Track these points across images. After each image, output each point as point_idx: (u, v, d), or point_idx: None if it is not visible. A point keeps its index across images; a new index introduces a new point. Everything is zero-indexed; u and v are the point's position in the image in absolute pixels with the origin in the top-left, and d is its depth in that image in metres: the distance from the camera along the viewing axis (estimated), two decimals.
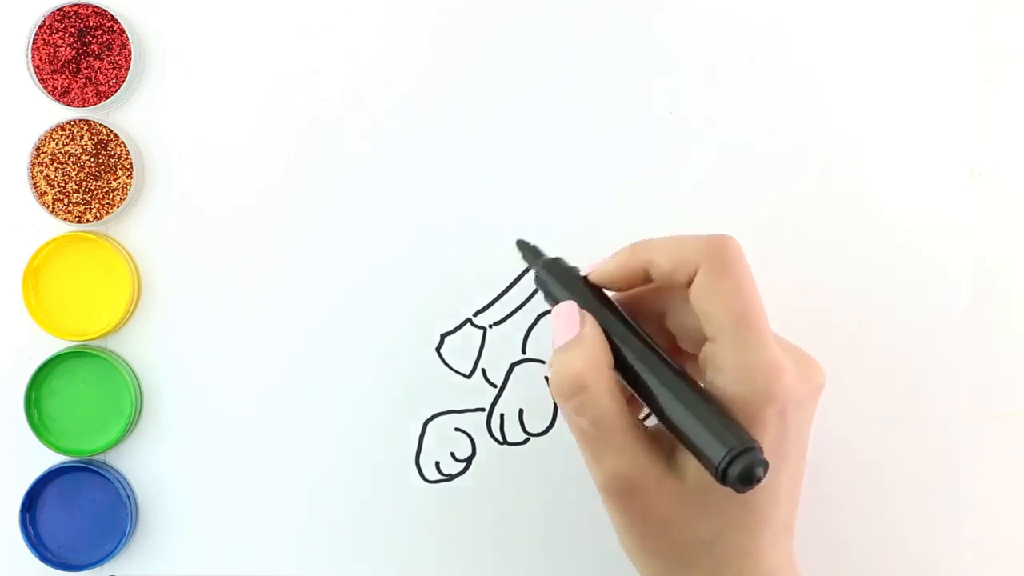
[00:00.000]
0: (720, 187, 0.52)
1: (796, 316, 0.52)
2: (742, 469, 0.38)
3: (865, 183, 0.52)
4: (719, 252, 0.41)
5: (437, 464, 0.52)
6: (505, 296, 0.52)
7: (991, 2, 0.53)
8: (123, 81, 0.51)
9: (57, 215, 0.51)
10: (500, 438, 0.53)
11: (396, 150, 0.52)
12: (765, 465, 0.38)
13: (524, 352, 0.53)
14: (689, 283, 0.41)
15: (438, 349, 0.52)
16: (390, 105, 0.52)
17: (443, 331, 0.52)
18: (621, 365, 0.42)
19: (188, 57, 0.52)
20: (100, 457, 0.52)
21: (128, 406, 0.51)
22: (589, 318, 0.42)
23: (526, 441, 0.53)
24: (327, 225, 0.52)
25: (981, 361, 0.53)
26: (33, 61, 0.51)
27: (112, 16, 0.51)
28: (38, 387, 0.51)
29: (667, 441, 0.42)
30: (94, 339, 0.51)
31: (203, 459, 0.52)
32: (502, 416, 0.53)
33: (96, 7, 0.51)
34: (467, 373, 0.53)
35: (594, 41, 0.52)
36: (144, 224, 0.52)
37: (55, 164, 0.51)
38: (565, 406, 0.42)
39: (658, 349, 0.41)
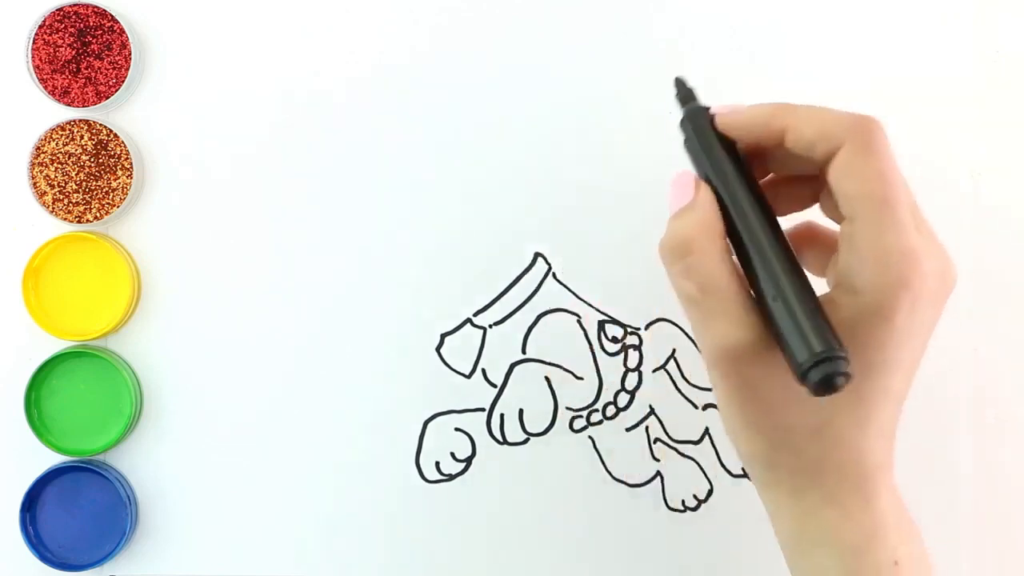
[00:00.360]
0: None
1: None
2: (823, 376, 0.37)
3: None
4: (866, 131, 0.40)
5: (437, 464, 0.52)
6: (505, 296, 0.52)
7: (991, 2, 0.53)
8: (123, 81, 0.51)
9: (57, 215, 0.51)
10: (500, 438, 0.53)
11: (397, 150, 0.52)
12: (849, 376, 0.37)
13: (524, 352, 0.53)
14: (827, 158, 0.40)
15: (438, 349, 0.52)
16: (390, 105, 0.52)
17: (443, 331, 0.52)
18: (735, 239, 0.40)
19: (188, 57, 0.52)
20: (100, 457, 0.52)
21: (128, 406, 0.51)
22: (704, 186, 0.41)
23: (526, 441, 0.53)
24: (327, 225, 0.52)
25: (981, 361, 0.53)
26: (33, 61, 0.51)
27: (112, 16, 0.51)
28: (38, 387, 0.51)
29: None
30: (94, 339, 0.51)
31: (203, 459, 0.52)
32: (502, 416, 0.53)
33: (96, 7, 0.51)
34: (467, 373, 0.53)
35: (594, 41, 0.52)
36: (144, 224, 0.52)
37: (55, 164, 0.51)
38: (672, 270, 0.41)
39: (778, 231, 0.40)
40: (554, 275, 0.53)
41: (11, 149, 0.51)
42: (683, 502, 0.53)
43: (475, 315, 0.52)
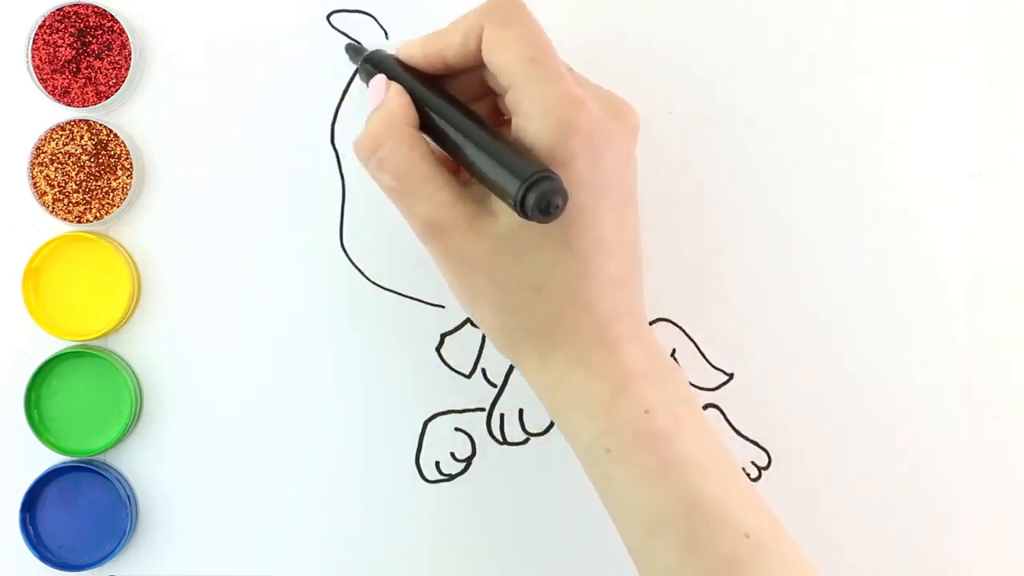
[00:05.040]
0: (720, 186, 0.52)
1: (796, 315, 0.52)
2: (538, 196, 0.38)
3: (865, 183, 0.52)
4: (500, 8, 0.42)
5: (437, 464, 0.52)
6: None
7: (991, 2, 0.53)
8: (123, 81, 0.51)
9: (57, 215, 0.51)
10: (500, 438, 0.53)
11: None
12: (563, 194, 0.38)
13: None
14: (479, 49, 0.42)
15: (438, 349, 0.52)
16: None
17: (443, 331, 0.52)
18: (430, 127, 0.43)
19: (188, 57, 0.52)
20: (100, 457, 0.52)
21: (128, 406, 0.51)
22: (394, 85, 0.44)
23: (526, 441, 0.53)
24: (327, 224, 0.52)
25: (981, 361, 0.53)
26: (33, 61, 0.51)
27: (112, 16, 0.51)
28: (38, 387, 0.51)
29: (480, 188, 0.42)
30: (94, 339, 0.51)
31: (203, 459, 0.52)
32: (502, 416, 0.53)
33: (96, 7, 0.51)
34: (467, 373, 0.53)
35: (594, 40, 0.52)
36: (144, 224, 0.52)
37: (55, 164, 0.51)
38: (368, 166, 0.43)
39: (462, 106, 0.43)
40: None
41: (11, 149, 0.51)
42: None
43: None
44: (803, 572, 0.41)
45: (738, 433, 0.52)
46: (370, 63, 0.47)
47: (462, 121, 0.42)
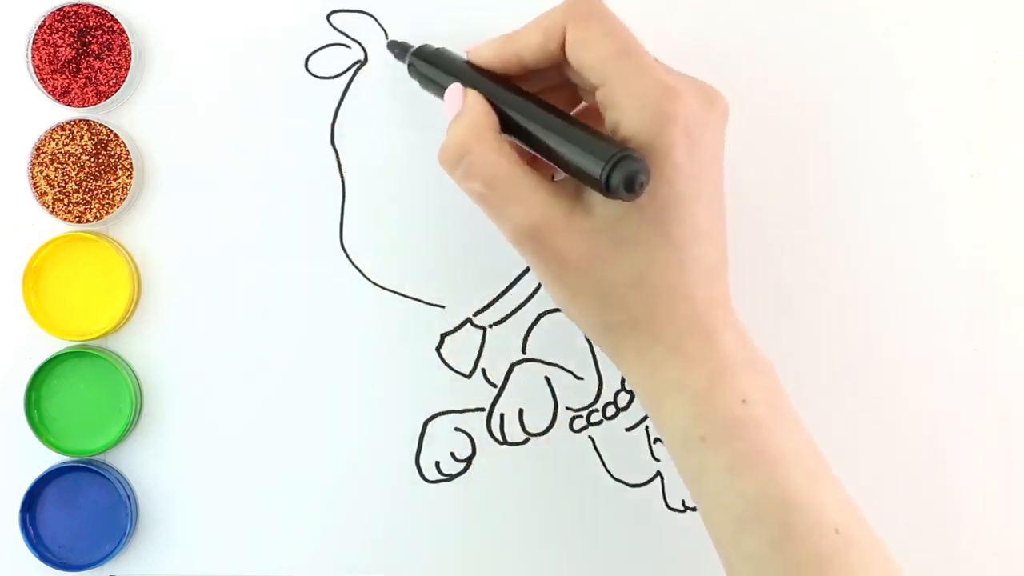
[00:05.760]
0: None
1: (796, 315, 0.52)
2: (624, 176, 0.38)
3: (865, 183, 0.52)
4: (580, 4, 0.42)
5: (437, 464, 0.52)
6: (505, 296, 0.52)
7: (991, 2, 0.53)
8: (123, 81, 0.51)
9: (57, 215, 0.51)
10: (500, 438, 0.53)
11: (398, 149, 0.52)
12: (647, 170, 0.38)
13: (524, 352, 0.53)
14: (561, 49, 0.42)
15: (438, 349, 0.52)
16: (392, 104, 0.52)
17: (443, 331, 0.52)
18: (511, 127, 0.43)
19: (188, 57, 0.52)
20: (100, 457, 0.52)
21: (128, 406, 0.51)
22: (471, 92, 0.44)
23: (526, 441, 0.53)
24: (327, 224, 0.52)
25: (981, 361, 0.53)
26: (33, 61, 0.51)
27: (112, 16, 0.51)
28: (38, 387, 0.51)
29: (571, 186, 0.42)
30: (94, 339, 0.51)
31: (203, 459, 0.52)
32: (502, 416, 0.53)
33: (96, 7, 0.51)
34: (467, 373, 0.53)
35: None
36: (144, 224, 0.52)
37: (55, 164, 0.51)
38: (455, 175, 0.43)
39: (539, 100, 0.43)
40: None
41: (11, 149, 0.51)
42: (683, 502, 0.53)
43: (475, 315, 0.52)
44: (891, 572, 0.41)
45: None
46: (421, 57, 0.47)
47: (543, 115, 0.42)
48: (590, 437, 0.53)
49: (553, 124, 0.41)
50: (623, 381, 0.53)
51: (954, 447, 0.52)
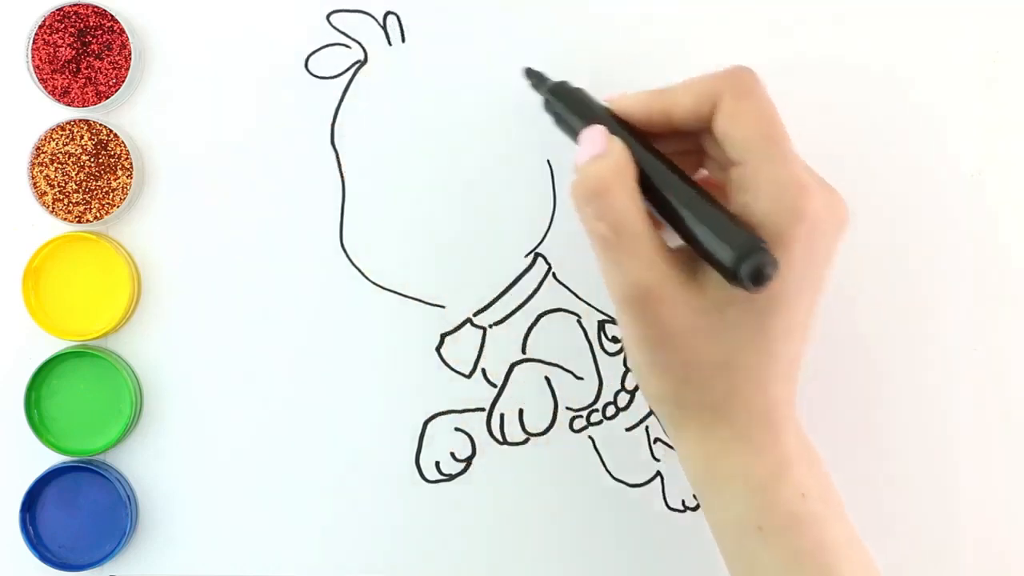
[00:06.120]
0: None
1: None
2: (753, 267, 0.38)
3: (865, 183, 0.52)
4: (740, 79, 0.42)
5: (437, 464, 0.52)
6: (505, 296, 0.52)
7: (991, 2, 0.53)
8: (123, 81, 0.51)
9: (57, 215, 0.51)
10: (500, 438, 0.53)
11: (398, 149, 0.52)
12: (775, 264, 0.38)
13: (524, 352, 0.53)
14: (711, 115, 0.42)
15: (438, 349, 0.52)
16: (392, 104, 0.52)
17: (443, 331, 0.52)
18: (645, 185, 0.42)
19: (188, 57, 0.52)
20: (100, 457, 0.52)
21: (128, 406, 0.51)
22: (618, 139, 0.42)
23: (526, 441, 0.53)
24: (327, 224, 0.52)
25: (981, 361, 0.53)
26: (33, 61, 0.51)
27: (112, 16, 0.51)
28: (38, 387, 0.51)
29: (689, 257, 0.42)
30: (94, 339, 0.51)
31: (203, 459, 0.52)
32: (502, 416, 0.53)
33: (96, 7, 0.51)
34: (467, 373, 0.53)
35: (594, 42, 0.52)
36: (144, 224, 0.52)
37: (55, 164, 0.51)
38: (584, 211, 0.41)
39: (676, 167, 0.42)
40: (554, 275, 0.53)
41: (11, 149, 0.51)
42: (683, 502, 0.53)
43: (475, 315, 0.52)
44: None
45: None
46: (559, 93, 0.46)
47: (680, 184, 0.41)
48: (590, 437, 0.53)
49: (689, 197, 0.40)
50: (623, 381, 0.53)
51: (954, 447, 0.52)
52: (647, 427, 0.53)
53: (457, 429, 0.52)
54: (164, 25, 0.52)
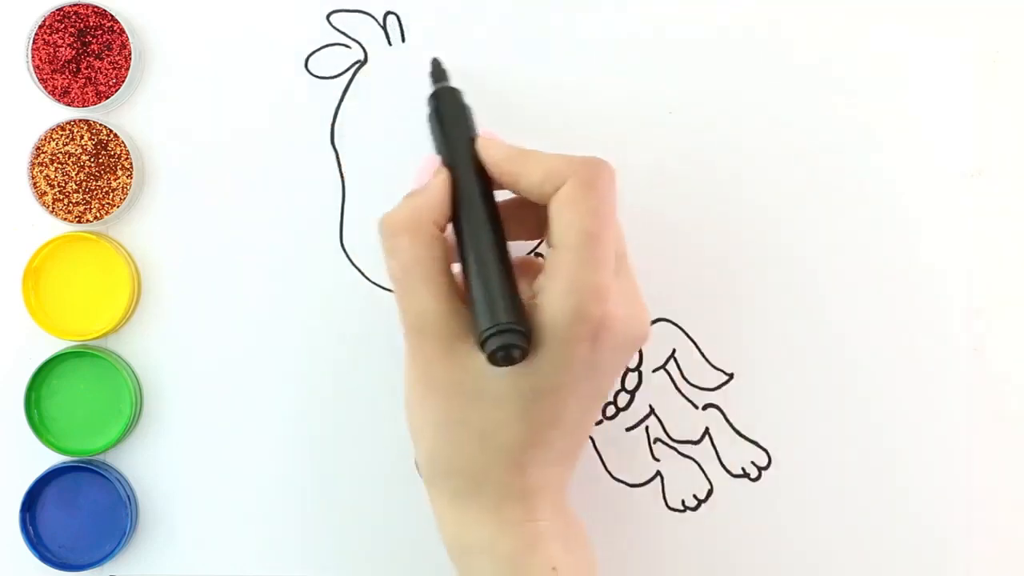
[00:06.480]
0: (719, 185, 0.52)
1: (797, 315, 0.52)
2: (501, 344, 0.38)
3: (865, 183, 0.52)
4: (591, 170, 0.41)
5: None
6: None
7: (991, 2, 0.53)
8: (123, 81, 0.51)
9: (57, 215, 0.51)
10: None
11: (398, 149, 0.52)
12: (524, 352, 0.39)
13: None
14: (553, 194, 0.41)
15: None
16: (392, 104, 0.52)
17: None
18: (457, 228, 0.42)
19: (188, 57, 0.52)
20: (100, 457, 0.52)
21: (128, 406, 0.51)
22: (440, 178, 0.42)
23: None
24: (327, 224, 0.52)
25: (981, 361, 0.53)
26: (33, 61, 0.51)
27: (112, 16, 0.51)
28: (38, 387, 0.51)
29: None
30: (94, 339, 0.51)
31: (203, 459, 0.52)
32: None
33: (96, 7, 0.51)
34: None
35: (595, 42, 0.52)
36: (144, 224, 0.52)
37: (55, 164, 0.51)
38: (383, 246, 0.42)
39: (497, 223, 0.42)
40: None
41: (11, 149, 0.51)
42: (683, 502, 0.53)
43: None
44: None
45: (738, 433, 0.52)
46: (440, 101, 0.46)
47: (483, 242, 0.41)
48: (590, 437, 0.52)
49: (486, 258, 0.40)
50: (623, 380, 0.53)
51: (954, 447, 0.52)
52: (647, 427, 0.53)
53: None
54: (164, 25, 0.52)
